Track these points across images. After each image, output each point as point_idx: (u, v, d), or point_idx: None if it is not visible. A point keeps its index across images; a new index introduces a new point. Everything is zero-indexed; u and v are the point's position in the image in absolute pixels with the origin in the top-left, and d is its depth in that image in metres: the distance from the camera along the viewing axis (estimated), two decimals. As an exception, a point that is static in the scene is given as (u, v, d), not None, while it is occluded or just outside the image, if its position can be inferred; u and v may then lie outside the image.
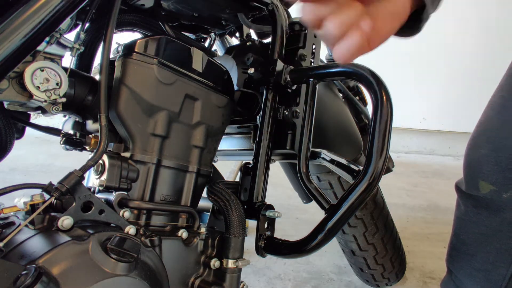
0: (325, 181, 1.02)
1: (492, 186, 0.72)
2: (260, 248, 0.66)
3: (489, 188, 0.73)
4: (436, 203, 2.08)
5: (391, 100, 0.61)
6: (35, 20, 0.44)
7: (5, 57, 0.43)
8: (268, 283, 1.31)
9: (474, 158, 0.76)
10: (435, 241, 1.64)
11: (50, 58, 0.55)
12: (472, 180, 0.76)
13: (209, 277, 0.62)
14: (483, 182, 0.74)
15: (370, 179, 0.59)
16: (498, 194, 0.72)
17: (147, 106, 0.59)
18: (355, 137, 0.95)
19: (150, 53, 0.59)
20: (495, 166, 0.71)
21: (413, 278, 1.37)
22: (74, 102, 0.59)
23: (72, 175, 0.49)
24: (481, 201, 0.76)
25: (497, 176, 0.71)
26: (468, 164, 0.78)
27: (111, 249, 0.45)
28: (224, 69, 0.73)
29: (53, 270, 0.41)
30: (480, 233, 0.77)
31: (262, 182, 0.69)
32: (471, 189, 0.77)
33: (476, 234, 0.78)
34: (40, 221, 0.48)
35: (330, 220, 0.61)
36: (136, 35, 0.75)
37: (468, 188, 0.78)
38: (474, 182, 0.76)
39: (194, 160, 0.67)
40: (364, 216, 1.05)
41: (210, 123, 0.68)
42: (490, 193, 0.73)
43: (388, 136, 0.60)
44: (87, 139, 0.63)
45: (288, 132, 0.72)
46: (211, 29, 0.88)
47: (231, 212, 0.63)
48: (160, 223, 0.62)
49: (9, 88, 0.52)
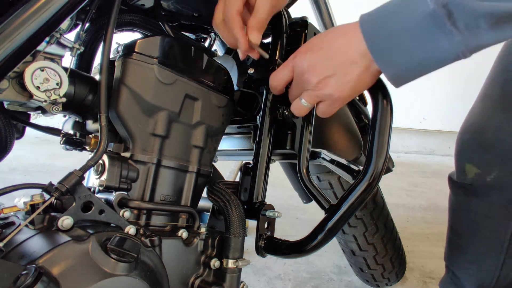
0: (325, 181, 1.02)
1: (477, 169, 0.75)
2: (260, 248, 0.66)
3: (474, 172, 0.75)
4: (436, 203, 2.08)
5: (391, 100, 0.61)
6: (35, 20, 0.44)
7: (5, 57, 0.43)
8: (268, 283, 1.31)
9: (460, 143, 0.79)
10: (435, 241, 1.64)
11: (50, 58, 0.55)
12: (460, 165, 0.79)
13: (209, 277, 0.62)
14: (468, 165, 0.76)
15: (370, 179, 0.59)
16: (482, 177, 0.74)
17: (147, 106, 0.59)
18: (355, 137, 0.95)
19: (150, 53, 0.59)
20: (477, 148, 0.74)
21: (413, 278, 1.37)
22: (74, 102, 0.59)
23: (72, 175, 0.49)
24: (469, 188, 0.78)
25: (480, 158, 0.74)
26: (456, 151, 0.80)
27: (111, 249, 0.45)
28: (224, 69, 0.73)
29: (53, 270, 0.41)
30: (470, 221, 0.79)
31: (262, 182, 0.69)
32: (460, 176, 0.79)
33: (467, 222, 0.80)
34: (40, 221, 0.48)
35: (330, 220, 0.61)
36: (136, 35, 0.75)
37: (458, 176, 0.80)
38: (461, 167, 0.78)
39: (194, 160, 0.67)
40: (364, 216, 1.05)
41: (210, 123, 0.68)
42: (476, 177, 0.75)
43: (388, 136, 0.60)
44: (87, 139, 0.63)
45: (288, 132, 0.72)
46: (211, 29, 0.88)
47: (231, 212, 0.63)
48: (160, 223, 0.62)
49: (9, 88, 0.52)
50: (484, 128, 0.73)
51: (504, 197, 0.73)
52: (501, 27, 0.44)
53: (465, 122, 0.79)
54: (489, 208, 0.75)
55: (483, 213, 0.76)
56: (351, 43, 0.54)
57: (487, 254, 0.77)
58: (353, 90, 0.57)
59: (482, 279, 0.79)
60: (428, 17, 0.46)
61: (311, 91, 0.58)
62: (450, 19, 0.45)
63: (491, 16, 0.43)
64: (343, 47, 0.54)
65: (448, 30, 0.46)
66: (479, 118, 0.75)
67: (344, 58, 0.54)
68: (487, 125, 0.73)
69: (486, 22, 0.44)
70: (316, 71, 0.56)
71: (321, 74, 0.56)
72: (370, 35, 0.52)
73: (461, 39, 0.46)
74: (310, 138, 0.70)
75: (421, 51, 0.49)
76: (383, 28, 0.51)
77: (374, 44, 0.52)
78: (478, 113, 0.76)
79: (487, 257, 0.77)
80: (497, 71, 0.75)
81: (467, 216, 0.79)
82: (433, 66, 0.50)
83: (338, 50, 0.55)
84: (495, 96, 0.73)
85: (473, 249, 0.79)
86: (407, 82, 0.54)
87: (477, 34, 0.45)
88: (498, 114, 0.71)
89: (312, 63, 0.57)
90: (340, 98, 0.58)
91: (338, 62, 0.55)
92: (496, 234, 0.75)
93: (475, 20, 0.44)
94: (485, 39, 0.46)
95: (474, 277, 0.80)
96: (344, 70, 0.55)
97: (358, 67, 0.54)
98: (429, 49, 0.48)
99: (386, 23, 0.51)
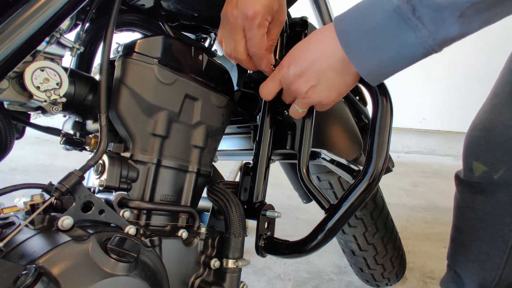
0: (325, 181, 1.02)
1: (484, 167, 0.75)
2: (260, 248, 0.66)
3: (481, 169, 0.75)
4: (436, 203, 2.08)
5: (391, 100, 0.61)
6: (35, 20, 0.44)
7: (5, 57, 0.43)
8: (268, 283, 1.31)
9: (468, 140, 0.79)
10: (435, 241, 1.64)
11: (50, 58, 0.55)
12: (467, 163, 0.79)
13: (209, 277, 0.62)
14: (475, 162, 0.76)
15: (370, 179, 0.59)
16: (490, 175, 0.74)
17: (147, 106, 0.59)
18: (355, 137, 0.95)
19: (150, 53, 0.59)
20: (485, 146, 0.74)
21: (413, 278, 1.37)
22: (74, 102, 0.59)
23: (72, 175, 0.49)
24: (476, 186, 0.78)
25: (487, 155, 0.74)
26: (464, 148, 0.81)
27: (111, 249, 0.45)
28: (224, 69, 0.73)
29: (53, 270, 0.41)
30: (475, 219, 0.79)
31: (262, 182, 0.69)
32: (467, 174, 0.79)
33: (472, 220, 0.80)
34: (40, 221, 0.48)
35: (330, 220, 0.61)
36: (136, 35, 0.75)
37: (465, 174, 0.81)
38: (468, 164, 0.78)
39: (194, 160, 0.67)
40: (364, 216, 1.05)
41: (210, 123, 0.68)
42: (483, 175, 0.75)
43: (388, 136, 0.60)
44: (87, 139, 0.63)
45: (288, 132, 0.72)
46: (211, 29, 0.88)
47: (231, 212, 0.63)
48: (160, 223, 0.62)
49: (9, 88, 0.52)
50: (492, 126, 0.73)
51: (511, 195, 0.73)
52: (467, 19, 0.45)
53: (474, 120, 0.79)
54: (494, 206, 0.75)
55: (489, 211, 0.76)
56: (328, 50, 0.56)
57: (490, 252, 0.77)
58: (339, 93, 0.61)
59: (484, 278, 0.79)
60: (394, 13, 0.47)
61: (301, 100, 0.62)
62: (414, 14, 0.46)
63: (454, 8, 0.44)
64: (321, 55, 0.57)
65: (414, 25, 0.47)
66: (488, 116, 0.75)
67: (324, 67, 0.57)
68: (495, 123, 0.73)
69: (451, 14, 0.45)
70: (302, 82, 0.60)
71: (307, 85, 0.59)
72: (343, 35, 0.54)
73: (428, 33, 0.47)
74: (310, 138, 0.70)
75: (391, 47, 0.50)
76: (355, 27, 0.53)
77: (348, 43, 0.54)
78: (487, 111, 0.76)
79: (490, 256, 0.77)
80: (507, 71, 0.76)
81: (472, 214, 0.79)
82: (405, 62, 0.52)
83: (317, 58, 0.57)
84: (505, 95, 0.74)
85: (476, 248, 0.79)
86: (383, 79, 0.56)
87: (443, 27, 0.46)
88: (507, 111, 0.72)
89: (296, 74, 0.60)
90: (330, 102, 0.62)
91: (319, 72, 0.58)
92: (500, 233, 0.75)
93: (439, 14, 0.45)
94: (452, 32, 0.46)
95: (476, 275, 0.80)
96: (326, 78, 0.58)
97: (338, 73, 0.57)
98: (398, 44, 0.49)
99: (357, 22, 0.52)
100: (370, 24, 0.51)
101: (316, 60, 0.57)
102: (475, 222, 0.79)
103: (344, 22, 0.54)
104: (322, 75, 0.58)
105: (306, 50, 0.59)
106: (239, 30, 0.61)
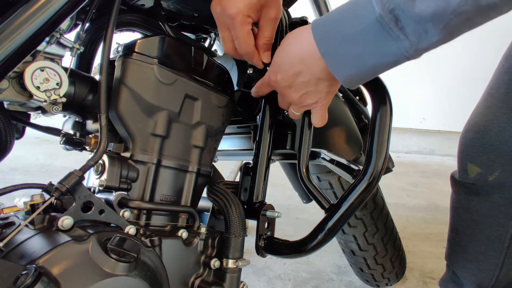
0: (325, 181, 1.02)
1: (479, 169, 0.75)
2: (260, 248, 0.66)
3: (476, 171, 0.76)
4: (436, 203, 2.08)
5: (391, 100, 0.61)
6: (35, 20, 0.44)
7: (5, 57, 0.43)
8: (268, 283, 1.31)
9: (463, 142, 0.79)
10: (435, 241, 1.64)
11: (50, 58, 0.55)
12: (462, 164, 0.79)
13: (209, 277, 0.62)
14: (470, 164, 0.77)
15: (370, 179, 0.59)
16: (484, 177, 0.74)
17: (147, 106, 0.59)
18: (355, 137, 0.95)
19: (150, 53, 0.59)
20: (480, 148, 0.74)
21: (413, 278, 1.37)
22: (74, 102, 0.59)
23: (72, 175, 0.49)
24: (471, 187, 0.78)
25: (482, 158, 0.74)
26: (459, 150, 0.81)
27: (111, 249, 0.45)
28: (224, 69, 0.73)
29: (53, 270, 0.41)
30: (471, 219, 0.79)
31: (262, 182, 0.69)
32: (462, 175, 0.80)
33: (468, 221, 0.80)
34: (40, 221, 0.48)
35: (330, 220, 0.61)
36: (136, 35, 0.75)
37: (460, 176, 0.81)
38: (463, 166, 0.78)
39: (194, 160, 0.67)
40: (364, 216, 1.05)
41: (210, 123, 0.68)
42: (478, 176, 0.76)
43: (388, 136, 0.60)
44: (87, 139, 0.63)
45: (288, 132, 0.72)
46: (211, 29, 0.88)
47: (231, 212, 0.63)
48: (160, 223, 0.62)
49: (9, 88, 0.52)
50: (487, 128, 0.73)
51: (506, 197, 0.73)
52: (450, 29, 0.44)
53: (468, 121, 0.79)
54: (490, 208, 0.75)
55: (484, 212, 0.76)
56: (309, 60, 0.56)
57: (487, 253, 0.77)
58: (329, 97, 0.63)
59: (481, 278, 0.79)
60: (376, 22, 0.46)
61: (296, 105, 0.64)
62: (397, 25, 0.45)
63: (438, 20, 0.43)
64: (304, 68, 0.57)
65: (396, 35, 0.46)
66: (483, 117, 0.75)
67: (308, 77, 0.58)
68: (490, 125, 0.73)
69: (435, 26, 0.44)
70: (292, 92, 0.61)
71: (298, 92, 0.60)
72: (322, 41, 0.53)
73: (410, 44, 0.46)
74: (310, 138, 0.70)
75: (371, 56, 0.49)
76: (333, 33, 0.51)
77: (326, 50, 0.53)
78: (481, 112, 0.76)
79: (487, 256, 0.77)
80: (501, 71, 0.75)
81: (468, 215, 0.80)
82: (384, 68, 0.51)
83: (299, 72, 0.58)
84: (499, 96, 0.73)
85: (473, 248, 0.79)
86: (360, 84, 0.57)
87: (425, 38, 0.45)
88: (502, 114, 0.71)
89: (286, 86, 0.61)
90: (324, 105, 0.64)
91: (306, 82, 0.58)
92: (496, 234, 0.76)
93: (422, 25, 0.44)
94: (434, 42, 0.46)
95: (473, 276, 0.80)
96: (314, 86, 0.59)
97: (325, 79, 0.57)
98: (379, 53, 0.49)
99: (335, 29, 0.51)
100: (349, 30, 0.49)
101: (299, 73, 0.58)
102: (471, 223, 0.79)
103: (322, 26, 0.53)
104: (309, 84, 0.59)
105: (288, 59, 0.59)
106: (224, 27, 0.61)
